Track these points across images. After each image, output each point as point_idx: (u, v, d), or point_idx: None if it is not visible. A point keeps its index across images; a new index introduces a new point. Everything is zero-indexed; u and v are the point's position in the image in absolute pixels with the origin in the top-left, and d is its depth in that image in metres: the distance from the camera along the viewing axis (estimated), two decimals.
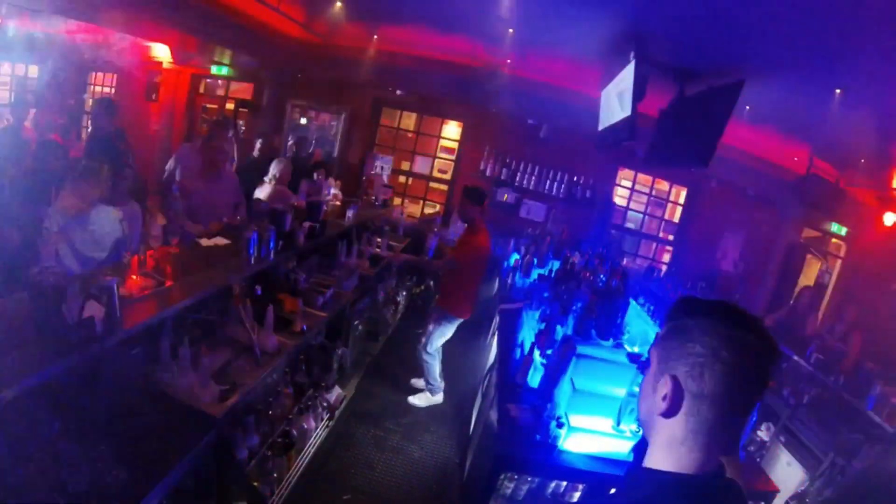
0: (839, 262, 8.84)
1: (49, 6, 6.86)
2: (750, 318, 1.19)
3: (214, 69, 10.77)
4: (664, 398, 1.20)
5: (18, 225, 4.36)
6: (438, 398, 5.54)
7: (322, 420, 4.32)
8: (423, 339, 5.37)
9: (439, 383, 5.52)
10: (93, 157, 4.16)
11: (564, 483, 3.08)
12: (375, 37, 7.89)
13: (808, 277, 9.26)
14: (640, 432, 2.85)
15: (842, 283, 8.58)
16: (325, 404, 4.40)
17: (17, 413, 2.14)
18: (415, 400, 5.47)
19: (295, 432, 3.75)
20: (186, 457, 2.54)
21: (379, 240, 6.92)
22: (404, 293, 7.55)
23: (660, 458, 1.24)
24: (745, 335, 1.15)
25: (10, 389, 1.93)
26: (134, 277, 3.11)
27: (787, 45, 3.94)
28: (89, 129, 5.70)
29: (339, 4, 6.34)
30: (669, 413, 1.20)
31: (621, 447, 2.91)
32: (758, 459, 4.73)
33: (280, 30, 8.28)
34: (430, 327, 5.35)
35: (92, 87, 12.07)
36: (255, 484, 3.27)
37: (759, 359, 1.15)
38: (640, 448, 1.40)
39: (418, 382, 5.71)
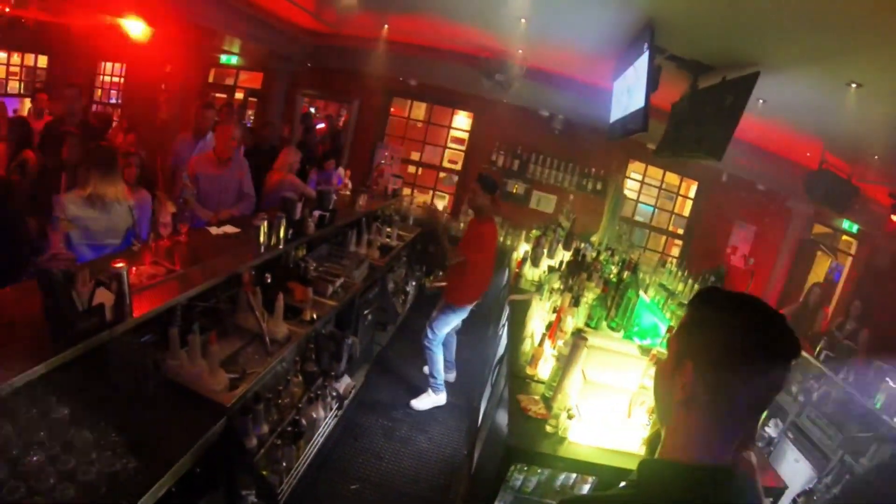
0: (850, 259, 8.78)
1: None
2: (772, 312, 1.17)
3: (224, 58, 10.77)
4: (682, 388, 1.20)
5: (35, 214, 4.38)
6: (441, 398, 5.50)
7: (331, 409, 4.31)
8: (426, 326, 5.37)
9: (442, 379, 5.50)
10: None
11: (574, 475, 3.07)
12: (386, 26, 7.84)
13: (817, 274, 9.21)
14: (651, 424, 2.83)
15: (852, 281, 8.52)
16: (334, 394, 4.39)
17: (27, 400, 2.14)
18: (418, 403, 5.43)
19: (304, 421, 3.74)
20: (196, 445, 2.54)
21: (389, 229, 6.90)
22: (413, 283, 7.54)
23: (675, 449, 1.24)
24: (768, 329, 1.14)
25: (20, 376, 1.93)
26: (143, 265, 3.11)
27: (802, 37, 3.89)
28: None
29: None
30: (687, 403, 1.20)
31: (632, 440, 2.89)
32: (766, 455, 4.71)
33: (290, 19, 8.26)
34: (434, 314, 5.37)
35: (101, 76, 12.09)
36: (265, 473, 3.26)
37: (780, 353, 1.13)
38: (654, 441, 1.38)
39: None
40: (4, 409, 2.05)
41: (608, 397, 2.98)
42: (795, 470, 4.61)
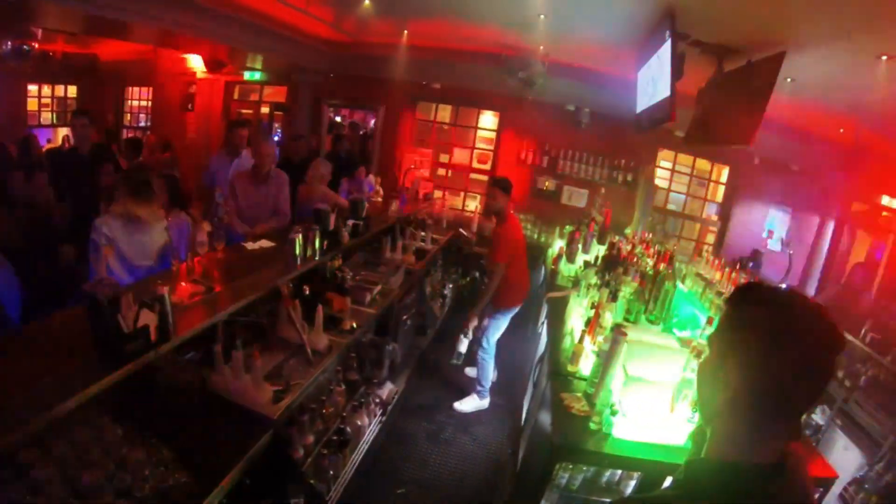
0: (892, 235, 8.56)
1: (82, 28, 7.03)
2: (815, 306, 1.16)
3: (247, 75, 10.92)
4: (726, 387, 1.19)
5: (73, 240, 4.49)
6: (485, 403, 5.54)
7: (375, 416, 4.35)
8: (479, 336, 5.37)
9: (489, 385, 5.53)
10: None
11: (620, 471, 3.05)
12: (405, 32, 7.89)
13: (858, 254, 8.98)
14: (696, 419, 2.80)
15: None
16: (377, 400, 4.43)
17: (80, 421, 2.20)
18: (461, 406, 5.46)
19: (349, 429, 3.78)
20: (244, 458, 2.59)
21: (423, 233, 6.92)
22: (451, 286, 7.56)
23: (721, 448, 1.23)
24: (811, 325, 1.12)
25: (72, 399, 1.98)
26: (184, 284, 3.17)
27: (827, 13, 3.83)
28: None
29: (366, 2, 6.33)
30: (732, 401, 1.19)
31: (676, 434, 2.86)
32: (814, 444, 4.60)
33: (310, 31, 8.35)
34: (485, 323, 5.36)
35: (129, 101, 12.37)
36: (312, 482, 3.31)
37: (824, 349, 1.12)
38: (699, 436, 1.37)
39: (472, 371, 5.68)
40: (61, 431, 2.11)
41: (651, 392, 2.96)
42: (845, 458, 4.49)
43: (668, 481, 2.68)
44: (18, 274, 3.52)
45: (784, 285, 6.82)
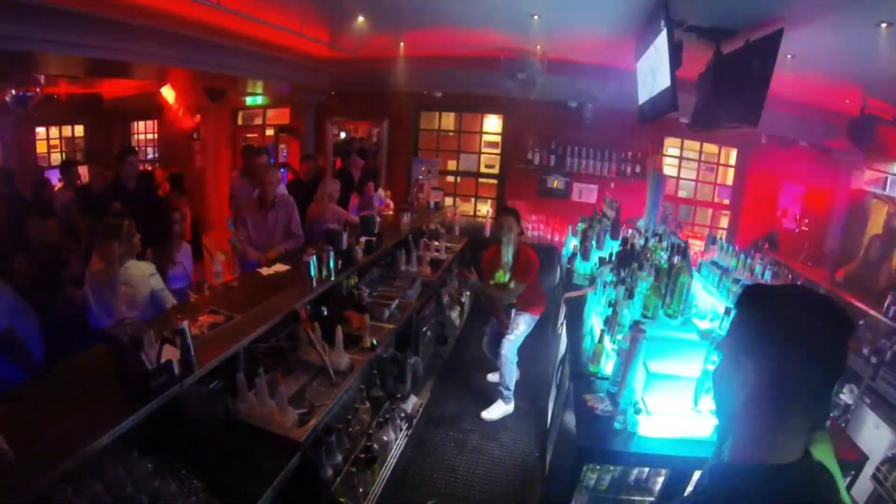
0: None
1: (85, 71, 7.13)
2: (821, 297, 1.17)
3: (249, 100, 11.00)
4: (743, 388, 1.18)
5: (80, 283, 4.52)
6: (511, 406, 5.53)
7: (401, 430, 4.36)
8: (509, 344, 5.33)
9: (513, 389, 5.51)
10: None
11: (647, 469, 3.04)
12: (402, 44, 7.91)
13: (876, 224, 8.86)
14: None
15: None
16: (402, 415, 4.44)
17: (112, 458, 2.23)
18: (489, 414, 5.42)
19: (376, 446, 3.79)
20: (274, 482, 2.62)
21: (436, 243, 6.92)
22: (468, 293, 7.56)
23: (744, 451, 1.22)
24: (820, 318, 1.13)
25: (102, 438, 2.01)
26: (203, 315, 3.21)
27: None
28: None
29: (360, 18, 6.37)
30: (751, 402, 1.18)
31: (702, 427, 2.85)
32: (843, 425, 4.52)
33: (307, 52, 8.38)
34: (521, 330, 5.34)
35: (135, 135, 12.52)
36: (343, 500, 3.33)
37: (836, 338, 1.12)
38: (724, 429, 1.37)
39: (494, 377, 5.68)
40: (93, 470, 2.14)
41: (673, 387, 2.95)
42: (876, 436, 4.42)
43: (696, 476, 2.67)
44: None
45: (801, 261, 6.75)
